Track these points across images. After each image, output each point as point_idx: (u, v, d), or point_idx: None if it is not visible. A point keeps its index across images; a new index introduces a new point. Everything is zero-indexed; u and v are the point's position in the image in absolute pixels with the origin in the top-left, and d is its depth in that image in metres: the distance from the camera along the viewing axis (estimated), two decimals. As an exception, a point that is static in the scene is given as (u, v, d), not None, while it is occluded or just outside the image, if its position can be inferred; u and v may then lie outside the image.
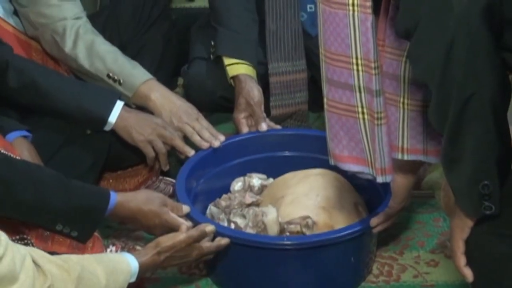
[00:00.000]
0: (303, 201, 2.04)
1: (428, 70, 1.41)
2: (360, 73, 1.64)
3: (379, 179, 1.75)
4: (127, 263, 1.69)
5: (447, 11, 1.32)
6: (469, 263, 1.54)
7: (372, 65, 1.62)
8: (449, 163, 1.49)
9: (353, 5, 1.57)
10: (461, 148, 1.43)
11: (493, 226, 1.48)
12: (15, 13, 2.31)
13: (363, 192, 2.09)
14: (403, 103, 1.65)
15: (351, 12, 1.58)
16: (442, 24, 1.34)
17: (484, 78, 1.36)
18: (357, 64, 1.63)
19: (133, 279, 1.69)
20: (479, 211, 1.46)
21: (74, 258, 1.58)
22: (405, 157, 1.70)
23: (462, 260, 1.54)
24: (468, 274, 1.54)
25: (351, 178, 1.99)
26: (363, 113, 1.68)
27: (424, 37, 1.39)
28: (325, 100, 1.73)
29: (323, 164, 1.88)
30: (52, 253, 1.68)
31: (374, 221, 1.91)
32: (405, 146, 1.69)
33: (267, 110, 2.41)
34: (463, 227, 1.53)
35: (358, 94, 1.66)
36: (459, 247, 1.54)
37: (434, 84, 1.40)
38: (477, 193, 1.44)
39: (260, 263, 1.94)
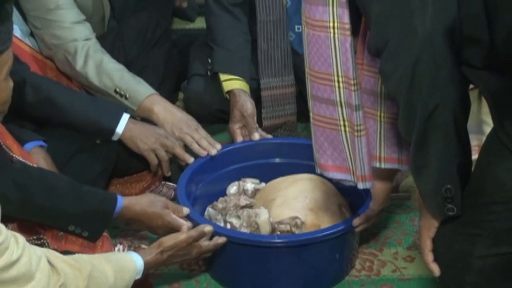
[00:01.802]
0: (292, 203, 2.04)
1: (396, 85, 1.41)
2: (341, 89, 1.63)
3: (360, 186, 1.75)
4: (133, 261, 1.68)
5: (411, 32, 1.33)
6: (436, 259, 1.55)
7: (352, 82, 1.62)
8: (416, 169, 1.49)
9: (333, 28, 1.57)
10: (426, 156, 1.44)
11: (456, 226, 1.49)
12: (32, 34, 2.31)
13: (347, 195, 2.09)
14: (380, 116, 1.65)
15: (331, 34, 1.58)
16: (408, 44, 1.34)
17: (446, 92, 1.37)
18: (338, 82, 1.63)
19: (138, 276, 1.69)
20: (443, 212, 1.48)
21: (85, 257, 1.58)
22: (382, 166, 1.70)
23: (429, 256, 1.55)
24: (435, 269, 1.55)
25: (336, 182, 1.97)
26: (344, 125, 1.68)
27: (392, 55, 1.39)
28: (311, 114, 1.73)
29: (311, 169, 1.88)
30: (65, 251, 1.70)
31: (356, 221, 1.91)
32: (382, 155, 1.69)
33: (259, 121, 2.41)
34: (430, 227, 1.54)
35: (339, 108, 1.66)
36: (427, 245, 1.55)
37: (402, 98, 1.41)
38: (440, 196, 1.45)
39: (254, 260, 1.94)
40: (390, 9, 1.36)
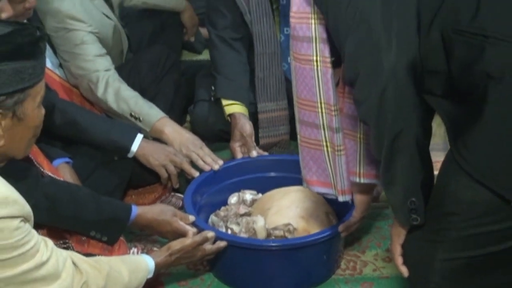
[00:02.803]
0: (285, 212, 2.05)
1: (367, 111, 1.42)
2: (324, 114, 1.65)
3: (340, 198, 1.77)
4: (146, 262, 1.69)
5: (379, 67, 1.34)
6: (405, 262, 1.55)
7: (333, 108, 1.63)
8: (385, 184, 1.50)
9: (316, 61, 1.59)
10: (393, 173, 1.45)
11: (421, 234, 1.49)
12: (60, 66, 2.34)
13: (333, 204, 2.07)
14: (360, 137, 1.65)
15: (315, 67, 1.59)
16: (376, 77, 1.35)
17: (409, 118, 1.38)
18: (321, 108, 1.64)
19: (150, 275, 1.70)
20: (409, 221, 1.48)
21: (104, 259, 1.59)
22: (362, 181, 1.70)
23: (399, 260, 1.56)
24: (404, 271, 1.56)
25: (321, 194, 2.01)
26: (327, 146, 1.69)
27: (363, 86, 1.40)
28: (298, 136, 1.75)
29: (301, 182, 1.86)
30: (87, 254, 1.72)
31: (341, 227, 1.92)
32: (361, 171, 1.69)
33: (257, 140, 2.42)
34: (399, 234, 1.54)
35: (322, 131, 1.67)
36: (397, 250, 1.56)
37: (372, 122, 1.42)
38: (406, 208, 1.46)
39: (252, 261, 1.95)
40: (360, 47, 1.38)
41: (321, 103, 1.63)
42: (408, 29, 1.34)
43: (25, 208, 1.37)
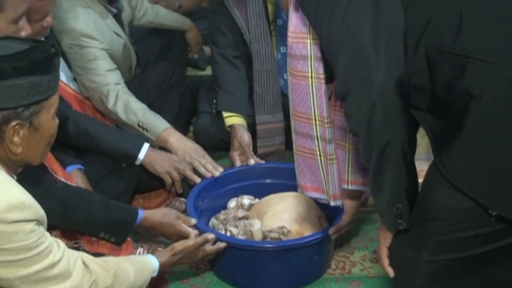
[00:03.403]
0: (280, 216, 2.04)
1: (357, 124, 1.41)
2: (318, 126, 1.65)
3: (332, 203, 1.76)
4: (150, 262, 1.68)
5: (368, 84, 1.34)
6: (391, 264, 1.55)
7: (326, 120, 1.63)
8: (373, 191, 1.50)
9: (311, 77, 1.59)
10: (381, 181, 1.44)
11: (406, 238, 1.49)
12: (74, 79, 2.33)
13: (325, 209, 2.07)
14: (349, 147, 1.65)
15: (310, 83, 1.59)
16: (365, 93, 1.35)
17: (396, 131, 1.38)
18: (315, 120, 1.64)
19: (154, 274, 1.69)
20: (395, 226, 1.48)
21: (112, 259, 1.59)
22: (349, 187, 1.70)
23: (386, 261, 1.56)
24: (390, 271, 1.55)
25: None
26: (320, 155, 1.69)
27: (353, 101, 1.39)
28: (294, 146, 1.74)
29: (295, 188, 1.87)
30: (97, 253, 1.72)
31: (332, 230, 1.91)
32: (349, 179, 1.68)
33: (255, 149, 2.42)
34: (386, 237, 1.54)
35: (316, 141, 1.67)
36: (384, 252, 1.55)
37: (361, 134, 1.42)
38: (392, 214, 1.45)
39: (249, 261, 1.94)
40: (351, 65, 1.38)
41: (315, 115, 1.63)
42: (396, 49, 1.34)
43: (40, 212, 1.36)
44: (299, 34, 1.58)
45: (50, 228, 1.43)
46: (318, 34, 1.51)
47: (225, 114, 2.40)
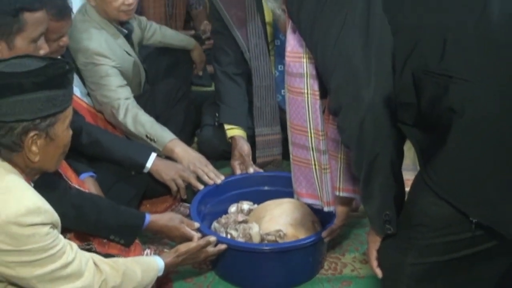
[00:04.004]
0: (277, 220, 2.03)
1: (348, 138, 1.41)
2: (313, 138, 1.65)
3: (325, 209, 1.77)
4: (156, 263, 1.68)
5: (359, 100, 1.34)
6: (379, 265, 1.54)
7: (320, 133, 1.63)
8: (364, 199, 1.50)
9: (307, 93, 1.59)
10: (370, 189, 1.44)
11: (393, 241, 1.48)
12: (88, 94, 2.33)
13: (318, 214, 2.06)
14: (340, 158, 1.65)
15: (306, 98, 1.60)
16: (356, 109, 1.35)
17: (385, 143, 1.38)
18: (310, 133, 1.64)
19: (160, 274, 1.68)
20: (383, 231, 1.48)
21: (120, 260, 1.58)
22: (341, 194, 1.70)
23: (375, 263, 1.55)
24: (379, 272, 1.54)
25: (309, 205, 1.97)
26: (315, 165, 1.69)
27: (346, 116, 1.39)
28: (291, 156, 1.74)
29: (291, 195, 1.88)
30: (108, 254, 1.71)
31: (324, 233, 1.91)
32: (341, 186, 1.68)
33: (254, 159, 2.40)
34: (375, 241, 1.53)
35: (311, 152, 1.67)
36: (373, 255, 1.55)
37: (353, 146, 1.42)
38: (381, 220, 1.45)
39: (248, 261, 1.93)
40: (344, 83, 1.38)
41: (310, 128, 1.63)
42: (385, 69, 1.34)
43: (54, 216, 1.36)
44: (296, 54, 1.58)
45: (65, 231, 1.44)
46: (313, 54, 1.51)
47: (226, 126, 2.40)
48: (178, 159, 2.21)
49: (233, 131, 2.39)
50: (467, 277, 1.42)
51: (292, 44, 1.58)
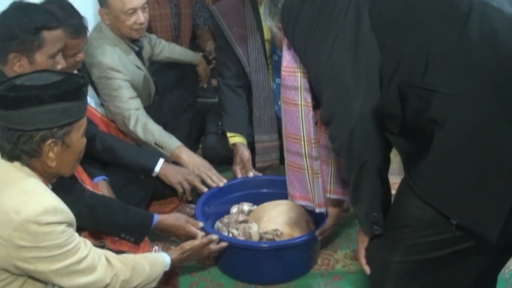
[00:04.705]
0: (275, 220, 2.03)
1: (339, 146, 1.40)
2: (306, 146, 1.64)
3: (317, 210, 1.76)
4: (163, 259, 1.67)
5: (349, 112, 1.34)
6: (367, 262, 1.53)
7: (313, 141, 1.63)
8: (353, 202, 1.49)
9: (301, 105, 1.59)
10: (359, 193, 1.43)
11: (380, 241, 1.47)
12: (101, 104, 2.32)
13: (312, 214, 2.04)
14: (331, 163, 1.65)
15: (299, 109, 1.59)
16: (347, 119, 1.34)
17: (372, 151, 1.37)
18: (303, 140, 1.64)
19: (167, 268, 1.68)
20: (371, 231, 1.46)
21: (130, 256, 1.58)
22: (331, 196, 1.70)
23: (363, 260, 1.54)
24: (367, 269, 1.53)
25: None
26: (307, 170, 1.68)
27: (337, 126, 1.38)
28: (286, 161, 1.74)
29: (288, 197, 1.86)
30: (119, 251, 1.71)
31: (318, 232, 1.90)
32: (331, 189, 1.68)
33: (254, 164, 2.40)
34: (363, 240, 1.52)
35: (304, 158, 1.67)
36: (362, 252, 1.54)
37: (343, 154, 1.41)
38: (369, 221, 1.44)
39: (247, 258, 1.93)
40: (335, 96, 1.37)
41: (304, 137, 1.63)
42: (373, 83, 1.33)
43: (70, 215, 1.36)
44: (291, 69, 1.58)
45: (80, 230, 1.45)
46: (307, 69, 1.51)
47: (229, 134, 2.39)
48: (184, 164, 2.20)
49: (235, 139, 2.38)
50: (447, 274, 1.41)
51: (288, 59, 1.58)
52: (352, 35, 1.34)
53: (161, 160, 2.12)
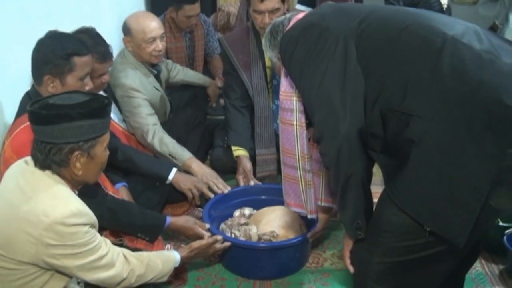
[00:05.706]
0: (272, 223, 2.02)
1: (328, 161, 1.41)
2: (300, 160, 1.64)
3: (309, 216, 1.76)
4: (174, 256, 1.66)
5: (337, 132, 1.34)
6: (351, 263, 1.53)
7: (306, 156, 1.62)
8: (339, 209, 1.49)
9: (296, 125, 1.59)
10: (345, 202, 1.43)
11: (363, 244, 1.47)
12: (124, 120, 2.32)
13: (305, 219, 2.00)
14: (322, 175, 1.64)
15: (295, 128, 1.59)
16: (335, 139, 1.35)
17: (357, 166, 1.37)
18: (297, 155, 1.63)
19: (177, 265, 1.67)
20: (355, 236, 1.46)
21: (145, 253, 1.57)
22: (322, 204, 1.69)
23: (348, 261, 1.54)
24: (351, 269, 1.53)
25: (298, 211, 1.97)
26: (301, 181, 1.68)
27: (326, 144, 1.39)
28: (282, 173, 1.73)
29: (283, 203, 1.83)
30: (136, 248, 1.69)
31: (309, 235, 1.90)
32: (322, 197, 1.68)
33: (255, 174, 2.38)
34: (348, 244, 1.52)
35: (298, 171, 1.66)
36: (346, 254, 1.54)
37: (332, 168, 1.41)
38: (354, 227, 1.44)
39: (247, 256, 1.92)
40: (325, 118, 1.38)
41: (298, 152, 1.63)
42: (358, 107, 1.34)
43: (93, 218, 1.36)
44: (287, 93, 1.58)
45: (101, 229, 1.45)
46: (301, 94, 1.51)
47: (233, 147, 2.38)
48: (194, 173, 2.19)
49: (239, 152, 2.37)
50: (422, 273, 1.40)
51: (285, 85, 1.58)
52: (341, 66, 1.35)
53: (174, 169, 2.11)
